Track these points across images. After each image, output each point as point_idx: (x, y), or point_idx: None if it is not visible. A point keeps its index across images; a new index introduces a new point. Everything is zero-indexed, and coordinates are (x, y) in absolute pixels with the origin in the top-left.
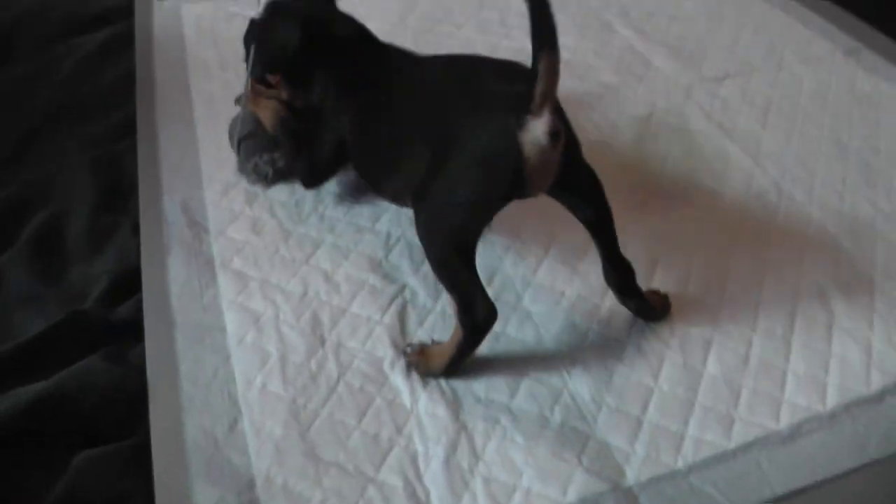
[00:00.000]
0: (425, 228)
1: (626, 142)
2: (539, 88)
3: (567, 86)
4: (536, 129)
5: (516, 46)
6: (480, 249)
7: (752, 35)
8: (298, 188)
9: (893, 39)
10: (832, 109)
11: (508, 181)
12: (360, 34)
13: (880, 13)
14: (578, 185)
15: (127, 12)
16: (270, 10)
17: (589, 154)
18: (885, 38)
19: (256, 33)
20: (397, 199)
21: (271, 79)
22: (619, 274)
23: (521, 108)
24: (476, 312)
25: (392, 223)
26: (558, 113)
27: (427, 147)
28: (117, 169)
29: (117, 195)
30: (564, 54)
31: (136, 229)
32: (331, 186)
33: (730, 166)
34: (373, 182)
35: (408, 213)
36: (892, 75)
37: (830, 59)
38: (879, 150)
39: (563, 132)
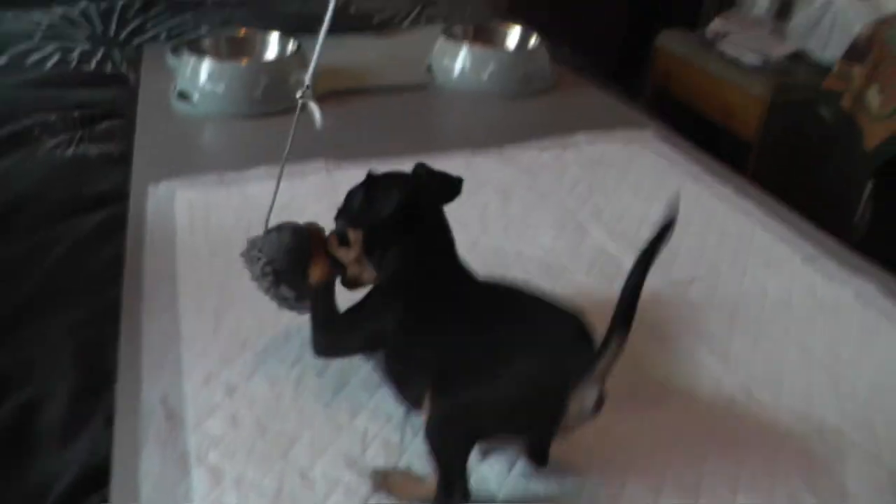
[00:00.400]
0: (441, 426)
1: None
2: (603, 361)
3: (542, 286)
4: (587, 391)
5: (493, 244)
6: None
7: (718, 239)
8: (278, 382)
9: (847, 248)
10: (796, 314)
11: (542, 419)
12: (448, 241)
13: (835, 221)
14: None
15: (122, 195)
16: (400, 175)
17: None
18: (839, 247)
19: (376, 183)
20: (417, 401)
21: (352, 235)
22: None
23: (582, 364)
24: (454, 495)
25: (370, 420)
26: None
27: (475, 356)
28: (98, 357)
29: (96, 383)
30: (540, 253)
31: (109, 421)
32: (310, 380)
33: (700, 370)
34: (396, 378)
35: (385, 410)
36: (848, 284)
37: (791, 265)
38: (842, 356)
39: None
